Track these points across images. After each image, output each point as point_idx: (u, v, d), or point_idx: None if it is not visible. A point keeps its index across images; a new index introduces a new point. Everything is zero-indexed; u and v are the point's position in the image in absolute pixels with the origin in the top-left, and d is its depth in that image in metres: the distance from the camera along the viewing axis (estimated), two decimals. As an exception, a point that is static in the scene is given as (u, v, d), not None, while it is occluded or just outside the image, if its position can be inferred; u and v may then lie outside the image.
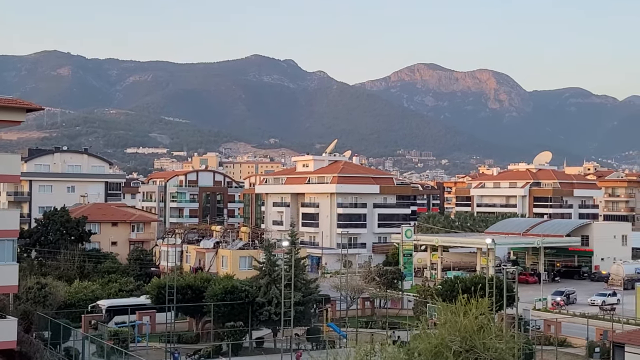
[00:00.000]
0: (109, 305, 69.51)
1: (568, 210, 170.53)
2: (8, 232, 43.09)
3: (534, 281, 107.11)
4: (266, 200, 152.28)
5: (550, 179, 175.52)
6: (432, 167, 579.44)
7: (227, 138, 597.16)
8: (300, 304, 61.35)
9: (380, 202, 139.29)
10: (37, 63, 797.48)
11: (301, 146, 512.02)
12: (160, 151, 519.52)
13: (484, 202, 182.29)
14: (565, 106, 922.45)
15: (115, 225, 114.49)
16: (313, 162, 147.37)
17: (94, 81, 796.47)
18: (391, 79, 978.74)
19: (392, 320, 73.95)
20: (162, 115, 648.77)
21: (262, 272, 64.42)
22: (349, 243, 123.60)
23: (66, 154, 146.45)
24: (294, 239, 66.32)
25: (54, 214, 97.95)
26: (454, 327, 29.51)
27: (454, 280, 71.08)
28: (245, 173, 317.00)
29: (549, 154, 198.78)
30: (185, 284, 65.39)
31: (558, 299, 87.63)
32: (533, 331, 66.12)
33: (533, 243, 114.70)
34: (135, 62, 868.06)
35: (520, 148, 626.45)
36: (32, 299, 61.77)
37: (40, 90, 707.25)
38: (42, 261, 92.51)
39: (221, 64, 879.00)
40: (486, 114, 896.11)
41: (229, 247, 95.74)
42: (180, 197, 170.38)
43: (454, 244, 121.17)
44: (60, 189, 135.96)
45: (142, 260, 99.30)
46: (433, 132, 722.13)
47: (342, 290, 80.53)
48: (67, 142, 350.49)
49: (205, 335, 65.31)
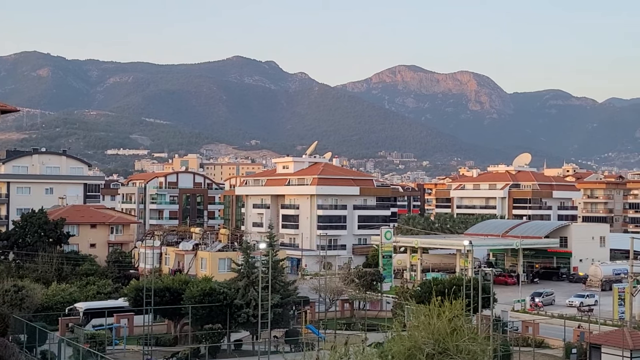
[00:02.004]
0: (86, 307, 69.10)
1: (547, 212, 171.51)
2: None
3: (512, 282, 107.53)
4: (246, 202, 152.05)
5: (529, 181, 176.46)
6: (414, 169, 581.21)
7: (208, 139, 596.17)
8: (278, 306, 61.32)
9: (360, 203, 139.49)
10: (16, 64, 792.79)
11: (282, 148, 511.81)
12: (141, 152, 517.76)
13: (463, 204, 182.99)
14: (545, 108, 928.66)
15: (94, 227, 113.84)
16: (293, 163, 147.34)
17: (74, 82, 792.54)
18: (372, 81, 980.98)
19: (371, 322, 74.04)
20: (142, 116, 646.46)
21: (240, 274, 64.33)
22: (329, 245, 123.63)
23: (44, 155, 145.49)
24: (273, 240, 66.29)
25: (32, 216, 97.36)
26: (428, 329, 29.59)
27: (432, 282, 71.28)
28: (227, 174, 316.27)
29: (528, 156, 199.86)
30: (164, 286, 65.19)
31: (537, 300, 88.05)
32: (511, 332, 66.34)
33: (512, 244, 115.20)
34: (115, 63, 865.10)
35: (501, 150, 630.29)
36: (8, 302, 61.39)
37: (20, 91, 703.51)
38: (20, 263, 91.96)
39: (202, 65, 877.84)
40: (467, 115, 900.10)
41: (208, 249, 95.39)
42: (160, 198, 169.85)
43: (433, 246, 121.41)
44: (39, 190, 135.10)
45: (121, 263, 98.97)
46: (414, 134, 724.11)
47: (321, 292, 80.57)
48: (47, 144, 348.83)
49: (184, 337, 65.13)
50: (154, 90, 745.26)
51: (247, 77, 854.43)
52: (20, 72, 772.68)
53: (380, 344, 49.63)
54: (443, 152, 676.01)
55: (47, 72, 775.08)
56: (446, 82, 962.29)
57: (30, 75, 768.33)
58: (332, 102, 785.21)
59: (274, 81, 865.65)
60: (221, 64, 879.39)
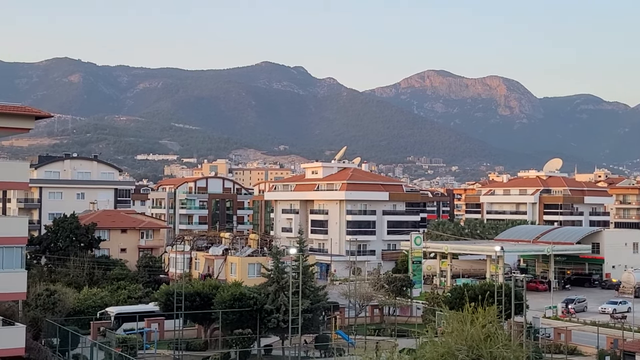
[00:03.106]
0: (117, 312, 69.57)
1: (579, 218, 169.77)
2: (17, 239, 43.18)
3: (544, 289, 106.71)
4: (275, 207, 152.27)
5: (560, 186, 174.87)
6: (442, 174, 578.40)
7: (237, 145, 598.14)
8: (308, 311, 61.17)
9: (389, 209, 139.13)
10: (48, 70, 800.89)
11: (311, 153, 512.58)
12: (170, 158, 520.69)
13: (493, 209, 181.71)
14: (576, 113, 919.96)
15: (124, 232, 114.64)
16: (322, 169, 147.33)
17: (105, 88, 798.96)
18: (401, 86, 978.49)
19: (400, 328, 73.73)
20: (172, 122, 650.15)
21: (270, 279, 64.30)
22: (358, 250, 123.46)
23: (76, 160, 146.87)
24: (302, 246, 66.22)
25: (64, 221, 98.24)
26: (461, 336, 29.35)
27: (463, 287, 70.77)
28: (255, 180, 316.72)
29: (559, 161, 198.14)
30: (194, 291, 65.31)
31: (568, 307, 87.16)
32: (543, 339, 65.76)
33: (543, 250, 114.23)
34: (145, 69, 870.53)
35: (531, 155, 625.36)
36: (41, 306, 61.95)
37: (52, 97, 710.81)
38: (52, 268, 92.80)
39: (231, 70, 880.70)
40: (496, 120, 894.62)
41: (238, 254, 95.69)
42: (190, 203, 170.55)
43: (463, 251, 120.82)
44: (70, 195, 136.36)
45: (151, 267, 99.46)
46: (443, 139, 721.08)
47: (351, 298, 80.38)
48: (78, 149, 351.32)
49: (214, 342, 65.23)
50: (183, 95, 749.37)
51: (275, 82, 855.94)
52: (52, 78, 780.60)
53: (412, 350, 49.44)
54: (472, 157, 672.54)
55: (78, 78, 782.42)
56: (475, 87, 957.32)
57: (62, 81, 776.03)
58: (361, 107, 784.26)
59: (303, 86, 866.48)
60: (250, 70, 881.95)
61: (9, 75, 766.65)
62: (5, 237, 42.50)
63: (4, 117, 41.94)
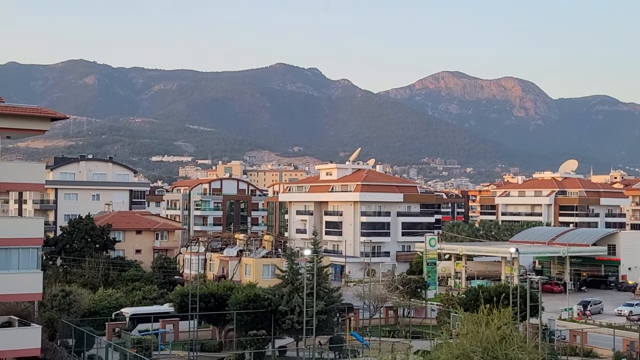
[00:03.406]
0: (132, 313, 69.81)
1: (594, 219, 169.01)
2: (32, 240, 43.40)
3: (559, 291, 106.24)
4: (290, 209, 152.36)
5: (576, 188, 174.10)
6: (457, 175, 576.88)
7: (251, 146, 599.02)
8: (323, 312, 61.13)
9: (404, 210, 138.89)
10: (63, 72, 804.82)
11: (325, 154, 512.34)
12: (185, 159, 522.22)
13: (508, 211, 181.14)
14: (592, 114, 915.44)
15: (139, 234, 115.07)
16: (336, 170, 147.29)
17: (120, 90, 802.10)
18: (415, 87, 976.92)
19: (415, 330, 73.56)
20: (187, 123, 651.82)
21: (284, 281, 64.32)
22: (373, 251, 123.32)
23: (91, 162, 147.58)
24: (317, 247, 66.17)
25: (79, 222, 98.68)
26: (476, 338, 29.23)
27: (478, 289, 70.53)
28: (269, 181, 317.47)
29: (575, 162, 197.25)
30: (209, 292, 65.39)
31: (584, 309, 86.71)
32: (558, 341, 65.46)
33: (559, 252, 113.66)
34: (160, 71, 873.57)
35: (546, 156, 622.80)
36: (56, 307, 62.29)
37: (67, 99, 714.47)
38: (67, 269, 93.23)
39: (246, 72, 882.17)
40: (511, 122, 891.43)
41: (252, 256, 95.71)
42: (204, 205, 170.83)
43: (478, 253, 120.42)
44: (86, 197, 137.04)
45: (165, 268, 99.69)
46: (458, 140, 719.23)
47: (365, 299, 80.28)
48: (93, 151, 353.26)
49: (228, 343, 65.30)
50: (197, 97, 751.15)
51: (290, 84, 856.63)
52: (67, 80, 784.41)
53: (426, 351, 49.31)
54: (487, 159, 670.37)
55: (93, 80, 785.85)
56: (490, 88, 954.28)
57: (77, 83, 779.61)
58: (375, 108, 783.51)
59: (317, 88, 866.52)
60: (264, 71, 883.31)
61: (25, 77, 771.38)
62: (21, 238, 42.72)
63: (20, 118, 42.16)
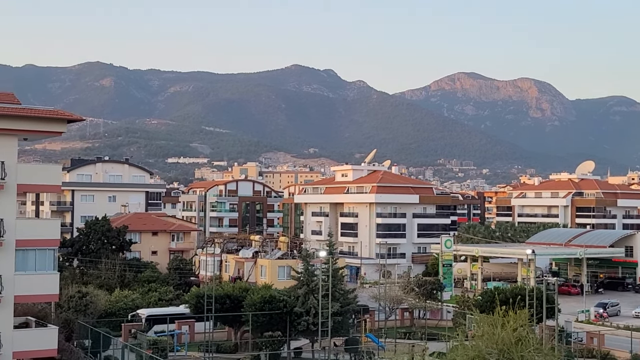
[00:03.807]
0: (148, 314, 70.04)
1: (612, 221, 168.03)
2: (49, 241, 43.55)
3: (576, 292, 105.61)
4: (305, 210, 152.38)
5: (593, 189, 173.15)
6: (473, 177, 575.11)
7: (267, 148, 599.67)
8: (338, 314, 61.11)
9: (419, 212, 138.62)
10: (80, 74, 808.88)
11: (341, 156, 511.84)
12: (200, 161, 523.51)
13: (525, 212, 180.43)
14: (609, 114, 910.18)
15: (155, 235, 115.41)
16: (352, 171, 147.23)
17: (136, 92, 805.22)
18: (431, 88, 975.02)
19: (431, 332, 73.37)
20: (202, 125, 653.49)
21: (300, 282, 64.33)
22: (388, 253, 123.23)
23: (107, 164, 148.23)
24: (332, 248, 66.13)
25: (96, 224, 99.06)
26: (492, 339, 29.09)
27: (494, 291, 70.26)
28: (285, 183, 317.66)
29: (591, 164, 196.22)
30: (224, 293, 65.52)
31: (601, 311, 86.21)
32: (575, 343, 65.11)
33: (575, 254, 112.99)
34: (176, 73, 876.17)
35: (563, 157, 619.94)
36: (73, 308, 62.59)
37: (84, 100, 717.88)
38: (84, 270, 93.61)
39: (261, 73, 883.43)
40: (528, 123, 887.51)
41: (268, 257, 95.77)
42: (220, 206, 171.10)
43: (494, 255, 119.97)
44: (102, 198, 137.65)
45: (181, 270, 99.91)
46: (474, 142, 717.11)
47: (380, 301, 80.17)
48: (110, 152, 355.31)
49: (244, 344, 65.41)
50: (213, 99, 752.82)
51: (305, 85, 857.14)
52: (84, 82, 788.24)
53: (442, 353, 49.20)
54: (503, 160, 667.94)
55: (109, 82, 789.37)
56: (506, 89, 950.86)
57: (94, 85, 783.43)
58: (391, 109, 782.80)
59: (332, 89, 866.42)
60: (280, 73, 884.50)
61: (42, 79, 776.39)
62: (37, 240, 42.91)
63: (36, 120, 42.33)
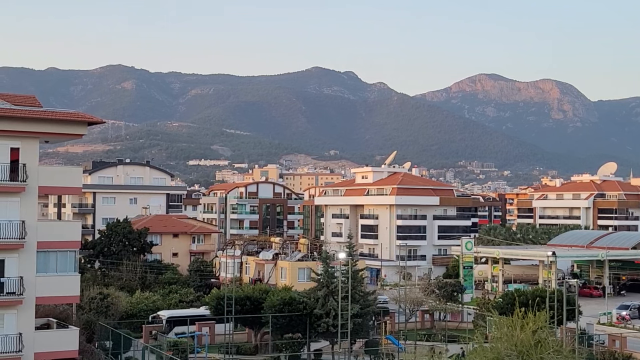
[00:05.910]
0: (169, 315, 70.31)
1: (634, 222, 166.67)
2: (70, 243, 43.97)
3: (598, 295, 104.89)
4: (325, 212, 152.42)
5: (615, 191, 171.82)
6: (494, 179, 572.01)
7: (287, 150, 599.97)
8: (358, 316, 61.09)
9: (440, 213, 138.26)
10: (102, 77, 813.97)
11: (361, 158, 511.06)
12: (221, 163, 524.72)
13: (546, 214, 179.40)
14: (631, 116, 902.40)
15: (176, 237, 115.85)
16: (372, 173, 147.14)
17: (157, 94, 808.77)
18: (452, 90, 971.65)
19: (451, 334, 73.14)
20: (223, 127, 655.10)
21: (320, 284, 64.37)
22: (409, 255, 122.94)
23: (129, 166, 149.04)
24: (352, 250, 66.13)
25: (117, 226, 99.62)
26: (511, 341, 28.99)
27: (515, 293, 69.93)
28: (306, 185, 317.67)
29: (614, 165, 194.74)
30: (244, 295, 65.69)
31: (624, 313, 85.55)
32: (597, 346, 64.64)
33: (597, 256, 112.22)
34: (197, 75, 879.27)
35: (585, 159, 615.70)
36: (94, 309, 63.01)
37: (105, 103, 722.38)
38: (105, 272, 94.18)
39: (282, 76, 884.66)
40: (549, 124, 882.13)
41: (288, 259, 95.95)
42: (241, 208, 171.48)
43: (515, 257, 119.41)
44: (123, 200, 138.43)
45: (202, 272, 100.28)
46: (495, 143, 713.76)
47: (401, 303, 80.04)
48: (131, 155, 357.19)
49: (264, 346, 65.53)
50: (234, 101, 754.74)
51: (325, 87, 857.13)
52: (106, 85, 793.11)
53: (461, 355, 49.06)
54: (524, 162, 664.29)
55: (131, 85, 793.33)
56: (528, 91, 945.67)
57: (115, 88, 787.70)
58: (411, 111, 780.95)
59: (353, 91, 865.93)
60: (300, 75, 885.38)
61: (64, 82, 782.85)
62: (59, 242, 43.31)
63: (58, 123, 42.77)
